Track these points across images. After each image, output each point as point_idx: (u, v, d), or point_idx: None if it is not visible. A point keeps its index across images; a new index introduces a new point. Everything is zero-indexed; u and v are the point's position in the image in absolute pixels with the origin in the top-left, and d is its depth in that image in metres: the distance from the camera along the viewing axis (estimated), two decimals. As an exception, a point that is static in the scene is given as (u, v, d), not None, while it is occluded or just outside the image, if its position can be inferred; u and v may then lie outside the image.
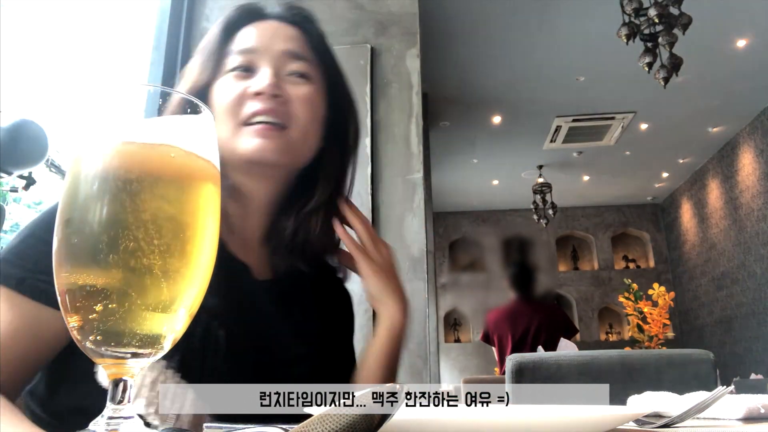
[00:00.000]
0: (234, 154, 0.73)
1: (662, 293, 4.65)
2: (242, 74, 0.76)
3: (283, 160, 0.75)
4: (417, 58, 2.42)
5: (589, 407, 0.60)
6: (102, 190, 0.34)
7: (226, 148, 0.72)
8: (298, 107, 0.76)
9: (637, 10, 3.01)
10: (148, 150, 0.36)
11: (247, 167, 0.75)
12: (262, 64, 0.76)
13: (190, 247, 0.36)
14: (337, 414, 0.30)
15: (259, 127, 0.72)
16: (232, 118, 0.73)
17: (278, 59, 0.77)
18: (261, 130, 0.72)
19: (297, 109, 0.76)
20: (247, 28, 0.79)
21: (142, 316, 0.34)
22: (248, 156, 0.72)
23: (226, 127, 0.73)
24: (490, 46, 4.74)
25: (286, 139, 0.74)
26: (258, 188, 0.78)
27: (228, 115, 0.73)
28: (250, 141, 0.72)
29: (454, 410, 0.47)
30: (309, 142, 0.78)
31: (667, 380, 1.50)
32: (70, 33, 2.76)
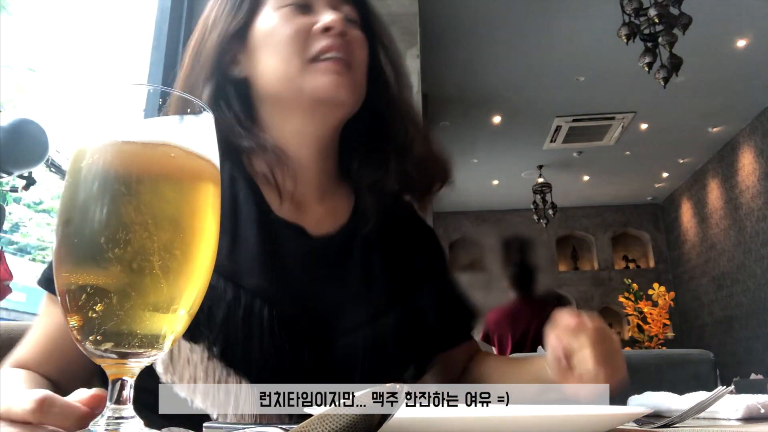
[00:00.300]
0: (302, 92, 0.69)
1: (662, 293, 4.65)
2: (298, 10, 0.71)
3: (352, 99, 0.72)
4: (417, 58, 2.42)
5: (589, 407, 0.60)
6: (102, 190, 0.34)
7: (291, 86, 0.69)
8: (356, 49, 0.73)
9: (637, 10, 3.01)
10: (148, 150, 0.36)
11: (312, 108, 0.71)
12: (319, 3, 0.72)
13: (190, 247, 0.36)
14: (337, 414, 0.30)
15: (331, 63, 0.68)
16: (296, 55, 0.69)
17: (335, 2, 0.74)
18: (334, 66, 0.69)
19: (356, 50, 0.73)
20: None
21: (142, 316, 0.34)
22: (321, 93, 0.69)
23: (290, 64, 0.69)
24: (490, 46, 4.74)
25: (354, 78, 0.71)
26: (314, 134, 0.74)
27: (291, 50, 0.69)
28: (324, 78, 0.68)
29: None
30: (364, 86, 0.75)
31: (667, 380, 1.50)
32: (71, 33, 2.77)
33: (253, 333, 0.62)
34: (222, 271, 0.62)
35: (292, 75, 0.69)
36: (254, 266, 0.66)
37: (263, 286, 0.64)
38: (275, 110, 0.73)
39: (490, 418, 0.39)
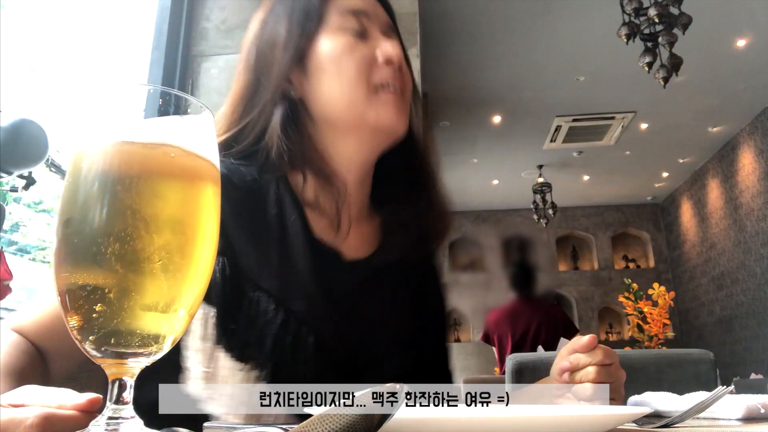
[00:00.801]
0: (364, 120, 0.71)
1: (662, 293, 4.65)
2: (357, 37, 0.72)
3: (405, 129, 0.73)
4: (417, 58, 2.42)
5: (589, 407, 0.60)
6: (102, 190, 0.34)
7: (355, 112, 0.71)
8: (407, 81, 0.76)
9: (637, 10, 3.01)
10: (148, 150, 0.36)
11: (371, 135, 0.72)
12: (374, 31, 0.74)
13: (190, 247, 0.36)
14: (337, 414, 0.30)
15: (393, 97, 0.71)
16: (361, 83, 0.70)
17: (385, 30, 0.75)
18: (395, 99, 0.71)
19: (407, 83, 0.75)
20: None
21: (142, 316, 0.34)
22: (384, 123, 0.71)
23: (355, 91, 0.70)
24: (490, 46, 4.74)
25: (407, 109, 0.74)
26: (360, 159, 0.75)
27: (357, 79, 0.70)
28: (386, 108, 0.70)
29: (454, 410, 0.47)
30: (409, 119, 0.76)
31: (667, 380, 1.50)
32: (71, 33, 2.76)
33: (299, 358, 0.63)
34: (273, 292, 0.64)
35: (357, 102, 0.70)
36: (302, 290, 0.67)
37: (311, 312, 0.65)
38: (331, 134, 0.74)
39: (490, 418, 0.39)
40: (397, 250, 0.77)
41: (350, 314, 0.71)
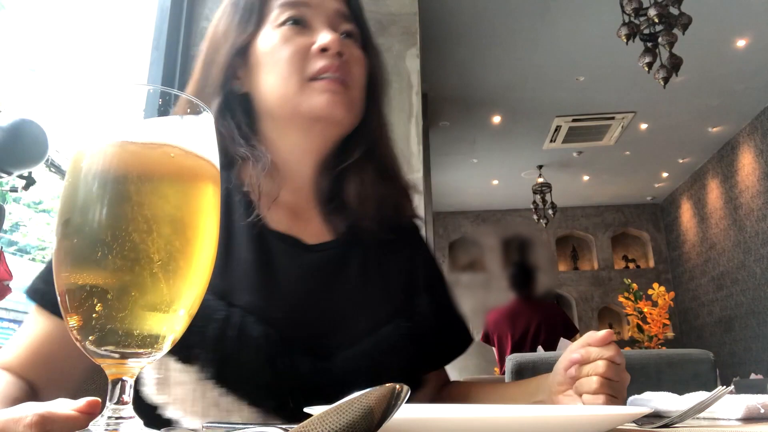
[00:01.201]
0: (298, 110, 0.71)
1: (662, 293, 4.65)
2: (296, 28, 0.73)
3: (348, 118, 0.74)
4: (417, 58, 2.42)
5: (589, 407, 0.60)
6: (102, 190, 0.34)
7: (288, 105, 0.71)
8: (355, 68, 0.75)
9: (637, 10, 3.01)
10: (148, 150, 0.36)
11: (308, 126, 0.73)
12: (317, 20, 0.74)
13: (190, 247, 0.36)
14: (337, 414, 0.30)
15: (327, 83, 0.71)
16: (294, 74, 0.71)
17: (332, 18, 0.76)
18: (330, 85, 0.71)
19: (355, 69, 0.75)
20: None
21: (142, 316, 0.34)
22: (317, 111, 0.71)
23: (288, 83, 0.71)
24: (490, 46, 4.74)
25: (351, 97, 0.73)
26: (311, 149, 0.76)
27: (290, 70, 0.71)
28: (319, 97, 0.70)
29: (454, 410, 0.47)
30: (362, 103, 0.77)
31: (667, 380, 1.50)
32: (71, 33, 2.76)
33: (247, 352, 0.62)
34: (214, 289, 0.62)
35: (290, 94, 0.71)
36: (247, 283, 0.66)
37: (257, 303, 0.64)
38: (274, 126, 0.75)
39: (490, 418, 0.39)
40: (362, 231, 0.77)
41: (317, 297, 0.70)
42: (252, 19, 0.74)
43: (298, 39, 0.72)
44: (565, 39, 4.63)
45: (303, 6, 0.74)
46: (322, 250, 0.74)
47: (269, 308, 0.65)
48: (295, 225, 0.75)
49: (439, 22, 4.28)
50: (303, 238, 0.74)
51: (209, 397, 0.61)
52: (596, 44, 4.63)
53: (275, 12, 0.74)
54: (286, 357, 0.64)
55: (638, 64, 3.21)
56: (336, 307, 0.71)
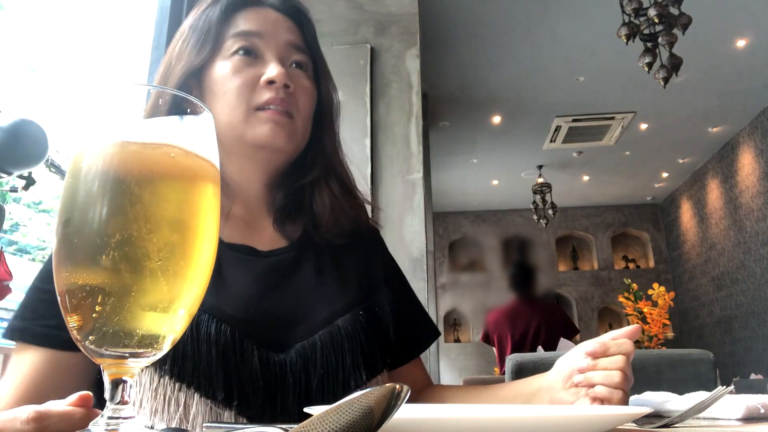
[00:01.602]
0: (243, 138, 0.75)
1: (662, 293, 4.65)
2: (247, 59, 0.77)
3: (289, 146, 0.77)
4: (417, 58, 2.42)
5: (589, 407, 0.60)
6: (102, 190, 0.34)
7: (233, 132, 0.75)
8: (302, 98, 0.79)
9: (637, 10, 3.01)
10: (148, 150, 0.36)
11: (252, 152, 0.76)
12: (268, 52, 0.77)
13: (190, 246, 0.36)
14: (337, 414, 0.30)
15: (271, 114, 0.74)
16: (242, 103, 0.74)
17: (282, 49, 0.79)
18: (274, 116, 0.74)
19: (301, 100, 0.79)
20: (246, 12, 0.80)
21: (141, 316, 0.34)
22: (259, 140, 0.75)
23: (234, 111, 0.74)
24: (490, 46, 4.74)
25: (294, 127, 0.77)
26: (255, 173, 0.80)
27: (237, 101, 0.74)
28: (263, 127, 0.74)
29: (454, 410, 0.47)
30: (307, 131, 0.81)
31: (667, 380, 1.50)
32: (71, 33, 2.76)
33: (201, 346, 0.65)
34: None
35: (236, 122, 0.74)
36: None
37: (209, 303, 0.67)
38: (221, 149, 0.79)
39: (490, 418, 0.39)
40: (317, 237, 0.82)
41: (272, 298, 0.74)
42: (207, 44, 0.77)
43: (247, 70, 0.76)
44: (565, 39, 4.63)
45: (255, 36, 0.77)
46: (275, 255, 0.79)
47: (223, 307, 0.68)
48: (249, 235, 0.79)
49: (439, 22, 4.28)
50: (256, 246, 0.78)
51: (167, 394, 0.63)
52: (596, 44, 4.63)
53: (229, 41, 0.77)
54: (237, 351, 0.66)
55: (638, 64, 3.21)
56: (291, 305, 0.74)
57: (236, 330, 0.67)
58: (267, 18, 0.80)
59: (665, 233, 8.88)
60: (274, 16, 0.81)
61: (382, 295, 0.81)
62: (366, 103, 2.31)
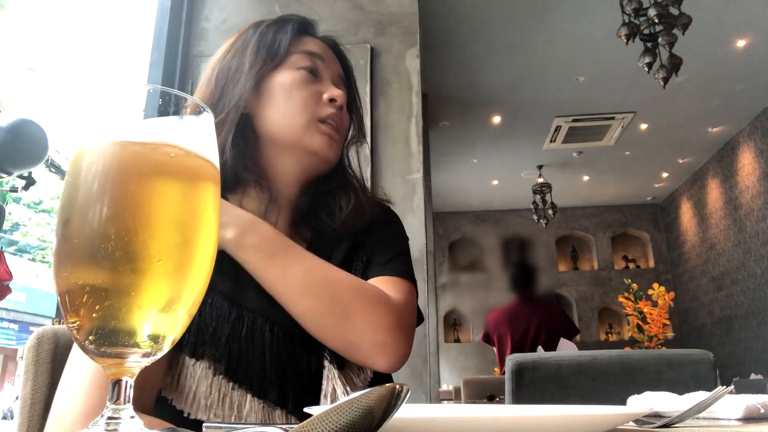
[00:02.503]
0: (301, 143, 0.83)
1: (662, 293, 4.65)
2: (311, 77, 0.87)
3: (335, 158, 0.88)
4: (417, 58, 2.42)
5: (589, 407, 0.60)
6: (102, 190, 0.34)
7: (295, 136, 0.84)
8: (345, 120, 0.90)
9: (637, 10, 3.01)
10: (148, 150, 0.36)
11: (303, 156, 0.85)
12: (326, 74, 0.89)
13: (190, 246, 0.36)
14: (337, 414, 0.30)
15: (329, 128, 0.85)
16: (307, 112, 0.84)
17: (335, 77, 0.91)
18: (330, 131, 0.85)
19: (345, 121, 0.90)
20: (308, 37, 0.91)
21: (141, 316, 0.34)
22: (315, 148, 0.84)
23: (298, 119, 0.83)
24: (490, 46, 4.74)
25: (340, 143, 0.89)
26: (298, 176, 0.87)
27: (304, 107, 0.84)
28: (321, 137, 0.84)
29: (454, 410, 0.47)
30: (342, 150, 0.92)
31: (667, 380, 1.50)
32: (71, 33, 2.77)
33: (256, 348, 0.71)
34: (228, 293, 0.73)
35: (296, 128, 0.83)
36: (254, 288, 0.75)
37: (265, 306, 0.74)
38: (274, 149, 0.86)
39: (490, 418, 0.39)
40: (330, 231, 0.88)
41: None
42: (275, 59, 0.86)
43: (312, 85, 0.86)
44: (565, 39, 4.64)
45: (319, 59, 0.88)
46: None
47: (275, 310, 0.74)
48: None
49: (439, 22, 4.28)
50: None
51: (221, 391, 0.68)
52: (596, 44, 4.63)
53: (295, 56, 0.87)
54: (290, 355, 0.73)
55: (638, 64, 3.21)
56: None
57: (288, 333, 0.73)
58: (326, 49, 0.91)
59: (665, 233, 8.88)
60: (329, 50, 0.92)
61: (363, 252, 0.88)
62: (366, 103, 2.31)
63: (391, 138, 2.33)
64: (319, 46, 0.90)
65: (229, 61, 0.88)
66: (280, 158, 0.85)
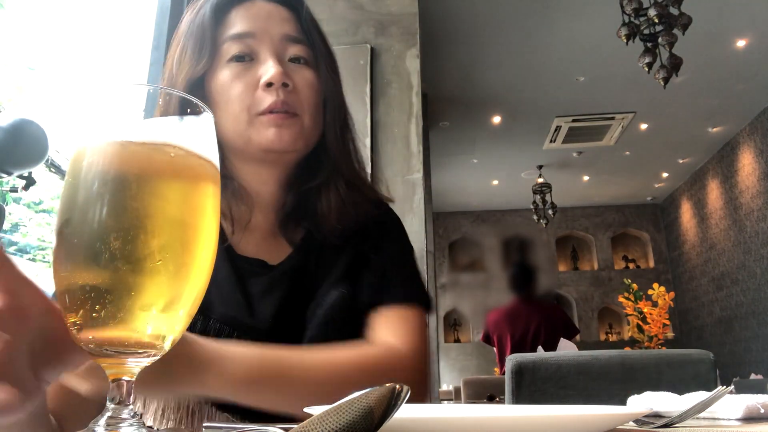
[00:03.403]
0: (250, 144, 0.74)
1: (662, 293, 4.65)
2: (244, 63, 0.75)
3: (298, 146, 0.76)
4: (417, 58, 2.42)
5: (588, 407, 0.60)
6: (102, 190, 0.34)
7: (241, 139, 0.74)
8: (305, 93, 0.77)
9: (637, 10, 3.01)
10: (148, 150, 0.36)
11: (262, 156, 0.76)
12: (263, 50, 0.75)
13: (190, 246, 0.36)
14: (337, 414, 0.30)
15: (274, 117, 0.73)
16: (244, 110, 0.74)
17: (278, 44, 0.77)
18: (276, 119, 0.73)
19: (305, 95, 0.77)
20: (237, 10, 0.77)
21: (141, 316, 0.34)
22: (266, 145, 0.74)
23: (238, 119, 0.74)
24: (490, 46, 4.74)
25: (300, 126, 0.76)
26: (270, 175, 0.79)
27: (239, 106, 0.74)
28: (267, 131, 0.73)
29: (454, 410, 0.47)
30: (317, 127, 0.79)
31: (667, 380, 1.50)
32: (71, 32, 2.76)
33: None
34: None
35: (241, 130, 0.74)
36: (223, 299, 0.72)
37: (231, 315, 0.71)
38: (233, 155, 0.78)
39: (490, 418, 0.39)
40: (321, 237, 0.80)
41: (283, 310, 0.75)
42: (205, 52, 0.75)
43: (245, 75, 0.74)
44: (565, 39, 4.64)
45: (249, 37, 0.75)
46: (282, 266, 0.79)
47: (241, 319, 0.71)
48: (262, 247, 0.80)
49: (439, 22, 4.28)
50: (269, 259, 0.79)
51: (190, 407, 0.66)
52: (596, 44, 4.63)
53: (225, 45, 0.76)
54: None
55: (638, 64, 3.21)
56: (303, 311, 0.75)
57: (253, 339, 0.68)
58: (259, 13, 0.77)
59: (665, 233, 8.88)
60: (266, 8, 0.78)
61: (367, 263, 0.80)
62: (366, 103, 2.31)
63: (391, 138, 2.33)
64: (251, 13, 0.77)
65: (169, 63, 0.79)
66: (245, 165, 0.78)
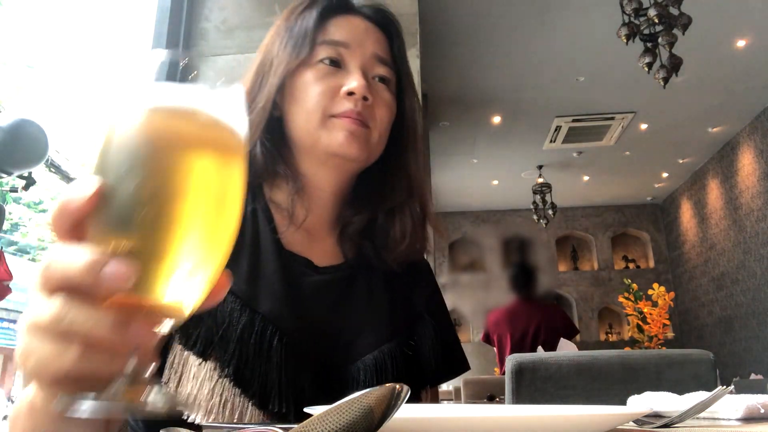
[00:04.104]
0: (318, 143, 0.77)
1: (662, 293, 4.65)
2: (331, 68, 0.78)
3: (362, 156, 0.78)
4: (417, 58, 2.42)
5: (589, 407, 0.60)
6: (132, 159, 0.34)
7: (310, 138, 0.77)
8: (380, 111, 0.80)
9: (637, 10, 3.01)
10: (179, 119, 0.36)
11: (326, 158, 0.78)
12: (352, 62, 0.79)
13: (217, 218, 0.36)
14: (337, 414, 0.30)
15: (347, 122, 0.76)
16: (319, 110, 0.76)
17: (368, 60, 0.80)
18: (349, 124, 0.76)
19: (380, 113, 0.80)
20: (337, 20, 0.81)
21: (166, 283, 0.35)
22: (334, 149, 0.76)
23: (311, 117, 0.76)
24: (490, 46, 4.74)
25: (368, 137, 0.78)
26: (329, 179, 0.81)
27: (315, 106, 0.76)
28: (337, 135, 0.75)
29: (454, 410, 0.47)
30: (382, 143, 0.82)
31: (667, 380, 1.50)
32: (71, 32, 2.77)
33: (263, 356, 0.67)
34: (240, 294, 0.70)
35: (311, 128, 0.77)
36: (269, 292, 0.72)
37: (277, 313, 0.70)
38: (299, 153, 0.81)
39: (490, 418, 0.39)
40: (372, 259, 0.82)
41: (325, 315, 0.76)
42: (304, 50, 0.78)
43: (329, 79, 0.77)
44: (565, 39, 4.63)
45: (342, 47, 0.79)
46: (330, 272, 0.80)
47: (286, 319, 0.71)
48: (309, 246, 0.81)
49: (439, 22, 4.28)
50: (314, 260, 0.79)
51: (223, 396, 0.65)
52: (596, 44, 4.63)
53: (319, 47, 0.79)
54: (294, 366, 0.69)
55: (638, 64, 3.21)
56: (341, 325, 0.76)
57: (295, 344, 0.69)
58: (357, 27, 0.81)
59: (665, 233, 8.88)
60: (364, 25, 0.82)
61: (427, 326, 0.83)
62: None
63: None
64: (350, 25, 0.81)
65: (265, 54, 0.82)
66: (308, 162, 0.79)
